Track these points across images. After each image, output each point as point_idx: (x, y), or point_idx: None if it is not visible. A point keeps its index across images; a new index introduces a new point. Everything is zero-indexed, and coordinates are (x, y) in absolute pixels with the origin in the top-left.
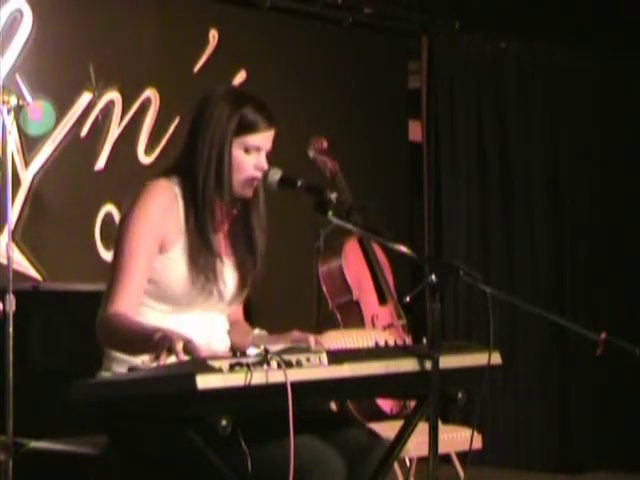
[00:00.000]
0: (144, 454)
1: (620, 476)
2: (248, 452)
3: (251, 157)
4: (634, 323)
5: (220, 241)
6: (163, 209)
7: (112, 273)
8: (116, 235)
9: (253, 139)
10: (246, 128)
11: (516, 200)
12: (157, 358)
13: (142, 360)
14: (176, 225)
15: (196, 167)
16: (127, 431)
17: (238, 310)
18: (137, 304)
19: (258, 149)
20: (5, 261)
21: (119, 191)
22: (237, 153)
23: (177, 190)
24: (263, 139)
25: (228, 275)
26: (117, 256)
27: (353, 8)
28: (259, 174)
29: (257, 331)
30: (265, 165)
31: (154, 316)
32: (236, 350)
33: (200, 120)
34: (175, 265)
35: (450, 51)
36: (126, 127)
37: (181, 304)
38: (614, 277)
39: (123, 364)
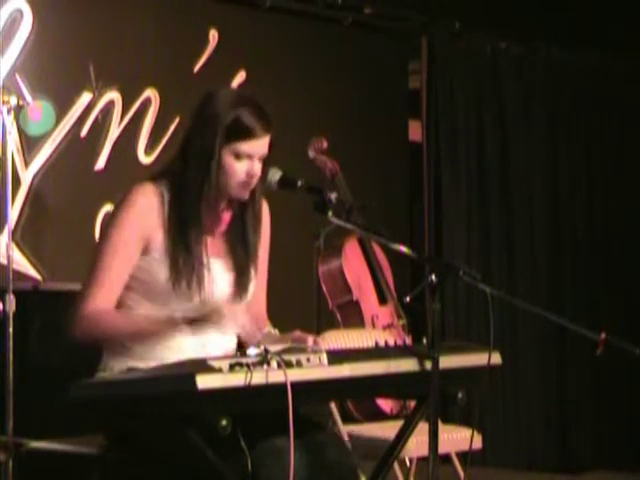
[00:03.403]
0: (144, 454)
1: (620, 476)
2: (248, 452)
3: (242, 164)
4: (634, 323)
5: (210, 243)
6: (143, 212)
7: (90, 272)
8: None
9: (244, 146)
10: (239, 134)
11: (516, 200)
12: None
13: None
14: (158, 228)
15: (186, 168)
16: (127, 431)
17: (255, 306)
18: (114, 302)
19: (250, 156)
20: (5, 261)
21: (119, 191)
22: (228, 159)
23: (165, 193)
24: (255, 146)
25: (220, 276)
26: (95, 255)
27: (353, 8)
28: (251, 180)
29: (269, 329)
30: (257, 172)
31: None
32: (244, 346)
33: (196, 121)
34: (158, 266)
35: (450, 51)
36: (126, 127)
37: (168, 305)
38: (614, 277)
39: (121, 361)
